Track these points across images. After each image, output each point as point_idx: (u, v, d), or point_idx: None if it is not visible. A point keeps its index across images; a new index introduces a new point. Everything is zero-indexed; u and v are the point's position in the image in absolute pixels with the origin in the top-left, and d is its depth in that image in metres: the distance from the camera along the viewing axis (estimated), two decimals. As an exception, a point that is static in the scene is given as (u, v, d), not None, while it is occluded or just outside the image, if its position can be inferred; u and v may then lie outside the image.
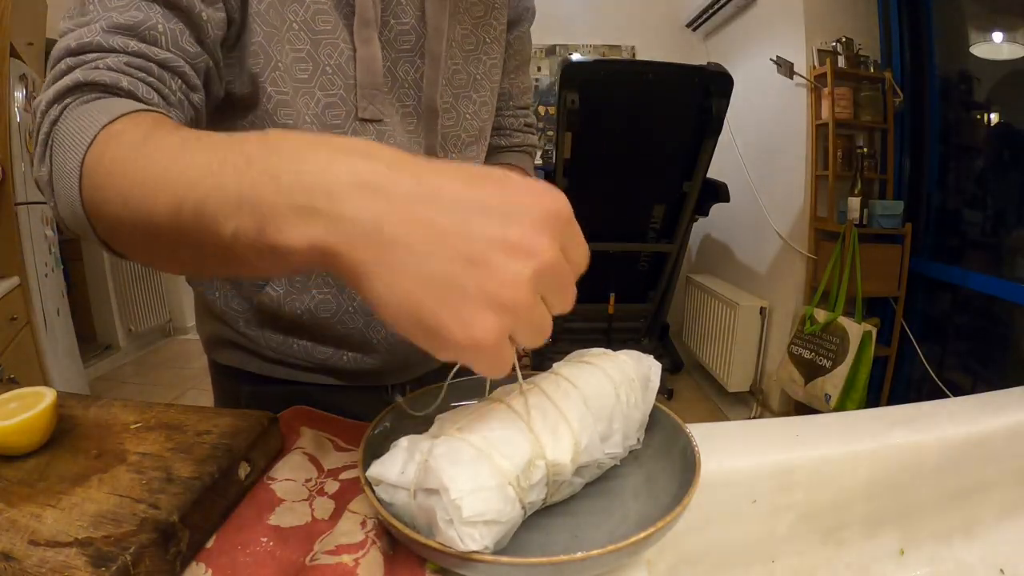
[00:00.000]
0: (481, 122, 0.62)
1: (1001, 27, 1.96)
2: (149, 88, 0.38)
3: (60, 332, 2.34)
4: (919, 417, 0.53)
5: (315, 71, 0.48)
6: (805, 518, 0.48)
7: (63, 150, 0.34)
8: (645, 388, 0.41)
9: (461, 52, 0.58)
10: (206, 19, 0.41)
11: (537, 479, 0.33)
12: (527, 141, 0.75)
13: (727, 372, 2.70)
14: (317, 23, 0.47)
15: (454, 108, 0.59)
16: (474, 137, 0.62)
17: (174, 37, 0.40)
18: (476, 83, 0.60)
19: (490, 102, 0.63)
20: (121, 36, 0.38)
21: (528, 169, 0.74)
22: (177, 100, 0.41)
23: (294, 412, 0.52)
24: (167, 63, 0.40)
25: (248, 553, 0.35)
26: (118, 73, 0.37)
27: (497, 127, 0.71)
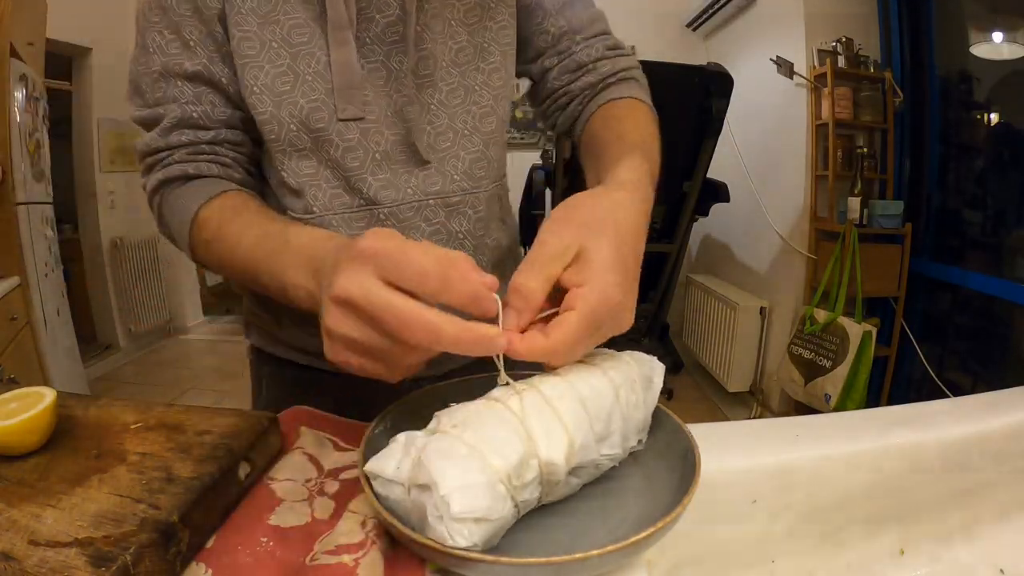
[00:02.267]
0: (485, 99, 0.58)
1: (1001, 27, 1.96)
2: (208, 164, 0.54)
3: (60, 332, 2.34)
4: (919, 417, 0.53)
5: (296, 81, 0.52)
6: (805, 518, 0.48)
7: (175, 225, 0.54)
8: (647, 389, 0.41)
9: (462, 28, 0.57)
10: (226, 81, 0.53)
11: (530, 478, 0.33)
12: (618, 66, 0.62)
13: (727, 372, 2.70)
14: (294, 36, 0.51)
15: (417, 99, 0.56)
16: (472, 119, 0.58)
17: (207, 114, 0.53)
18: (477, 54, 0.58)
19: (491, 81, 0.59)
20: (175, 133, 0.53)
21: (637, 94, 0.61)
22: (230, 160, 0.56)
23: (294, 412, 0.52)
24: (213, 139, 0.54)
25: (248, 553, 0.35)
26: (183, 164, 0.54)
27: (576, 66, 0.62)
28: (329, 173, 0.55)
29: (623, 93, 0.60)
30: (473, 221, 0.60)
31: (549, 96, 0.65)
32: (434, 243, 0.55)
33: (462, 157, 0.58)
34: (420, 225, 0.57)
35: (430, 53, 0.55)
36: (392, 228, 0.53)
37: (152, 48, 0.52)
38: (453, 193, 0.58)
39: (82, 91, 3.38)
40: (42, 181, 2.29)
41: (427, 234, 0.58)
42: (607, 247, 0.37)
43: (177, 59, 0.51)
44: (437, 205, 0.57)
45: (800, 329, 2.30)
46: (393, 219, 0.56)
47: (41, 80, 2.36)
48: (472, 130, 0.58)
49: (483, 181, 0.60)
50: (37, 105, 2.26)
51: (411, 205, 0.57)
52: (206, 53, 0.52)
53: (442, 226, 0.58)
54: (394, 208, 0.56)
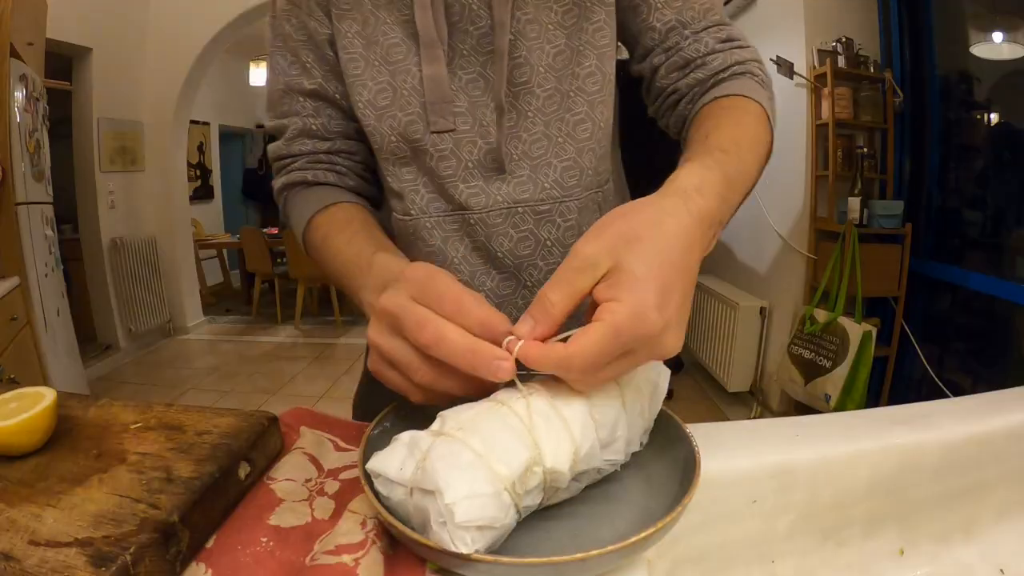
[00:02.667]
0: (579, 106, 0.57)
1: (1001, 27, 1.96)
2: (325, 172, 0.62)
3: (60, 332, 2.34)
4: (919, 417, 0.53)
5: (394, 96, 0.56)
6: (805, 518, 0.48)
7: (295, 224, 0.62)
8: (653, 395, 0.40)
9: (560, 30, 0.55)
10: (340, 96, 0.60)
11: (533, 485, 0.33)
12: (731, 60, 0.56)
13: (727, 372, 2.70)
14: (392, 55, 0.56)
15: (514, 107, 0.56)
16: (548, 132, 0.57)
17: (325, 126, 0.61)
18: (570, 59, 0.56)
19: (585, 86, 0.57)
20: (297, 143, 0.62)
21: (748, 90, 0.54)
22: (344, 168, 0.63)
23: (294, 412, 0.52)
24: (329, 150, 0.62)
25: (248, 553, 0.35)
26: (303, 171, 0.62)
27: (684, 62, 0.57)
28: (426, 179, 0.58)
29: (731, 90, 0.54)
30: (563, 230, 0.59)
31: (659, 96, 0.61)
32: (520, 250, 0.57)
33: (554, 165, 0.57)
34: (508, 232, 0.58)
35: (525, 60, 0.55)
36: (480, 234, 0.58)
37: (277, 70, 0.61)
38: (542, 201, 0.57)
39: (82, 91, 3.39)
40: (42, 181, 2.29)
41: (515, 240, 0.58)
42: (643, 262, 0.34)
43: (297, 79, 0.60)
44: (526, 212, 0.57)
45: (800, 329, 2.30)
46: (482, 224, 0.58)
47: (41, 80, 2.36)
48: (566, 137, 0.57)
49: (575, 190, 0.58)
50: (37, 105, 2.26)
51: (500, 212, 0.57)
52: (320, 73, 0.59)
53: (530, 233, 0.58)
54: (483, 214, 0.57)
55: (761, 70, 0.57)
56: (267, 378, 3.40)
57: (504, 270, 0.59)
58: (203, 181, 5.71)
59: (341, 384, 3.24)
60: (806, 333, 2.26)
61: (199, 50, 3.76)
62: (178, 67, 3.79)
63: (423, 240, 0.59)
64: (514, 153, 0.57)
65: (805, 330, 2.27)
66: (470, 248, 0.59)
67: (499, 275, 0.60)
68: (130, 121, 3.68)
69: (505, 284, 0.60)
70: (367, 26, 0.56)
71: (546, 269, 0.59)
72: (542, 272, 0.59)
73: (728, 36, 0.57)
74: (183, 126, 4.07)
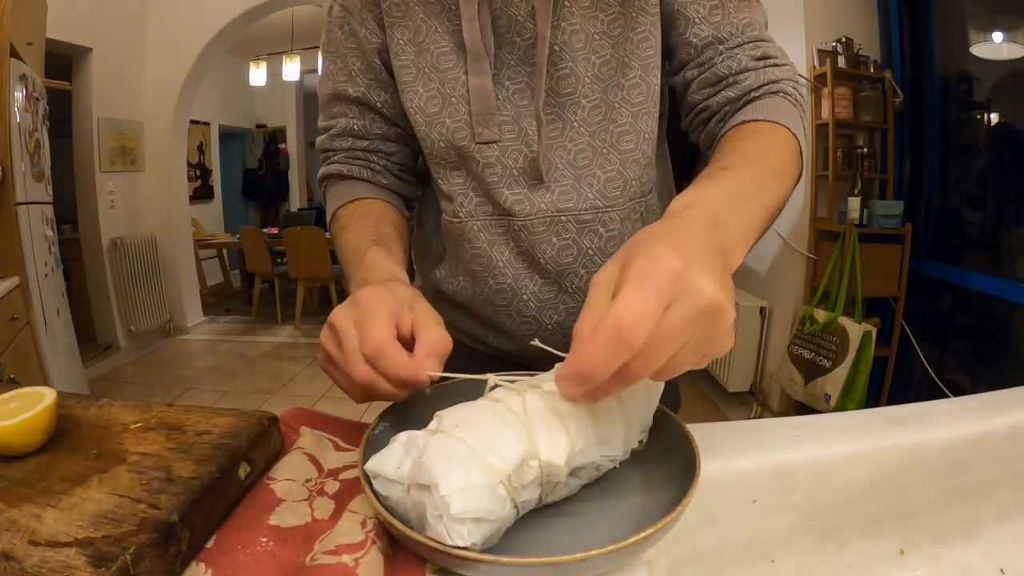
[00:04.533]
0: (624, 117, 0.57)
1: (1001, 27, 1.96)
2: (360, 168, 0.66)
3: (60, 332, 2.34)
4: (919, 417, 0.53)
5: (444, 104, 0.58)
6: (805, 518, 0.48)
7: (328, 211, 0.66)
8: (649, 390, 0.41)
9: (606, 40, 0.55)
10: (381, 104, 0.63)
11: (530, 479, 0.33)
12: (764, 79, 0.55)
13: (727, 372, 2.70)
14: (442, 63, 0.57)
15: (559, 117, 0.57)
16: (588, 146, 0.57)
17: (366, 128, 0.65)
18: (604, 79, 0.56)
19: (630, 97, 0.57)
20: (340, 139, 0.66)
21: (778, 115, 0.53)
22: (380, 166, 0.66)
23: (294, 412, 0.52)
24: (367, 148, 0.66)
25: (248, 553, 0.35)
26: (340, 165, 0.66)
27: (716, 79, 0.56)
28: (474, 184, 0.60)
29: (760, 114, 0.53)
30: (605, 239, 0.59)
31: (691, 111, 0.60)
32: (563, 257, 0.58)
33: (598, 175, 0.58)
34: (551, 239, 0.59)
35: (571, 71, 0.55)
36: (524, 240, 0.59)
37: (327, 73, 0.65)
38: (585, 211, 0.58)
39: (82, 91, 3.39)
40: (42, 181, 2.29)
41: (557, 248, 0.59)
42: (646, 250, 0.33)
43: (343, 86, 0.63)
44: (568, 221, 0.58)
45: (800, 329, 2.30)
46: (526, 231, 0.58)
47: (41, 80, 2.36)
48: (610, 148, 0.58)
49: (618, 200, 0.58)
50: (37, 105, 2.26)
51: (543, 220, 0.58)
52: (364, 82, 0.63)
53: (572, 242, 0.59)
54: (527, 221, 0.58)
55: (795, 89, 0.56)
56: (267, 378, 3.40)
57: (546, 276, 0.60)
58: (203, 181, 5.71)
59: (341, 384, 3.23)
60: (806, 333, 2.26)
61: (199, 50, 3.76)
62: (178, 67, 3.79)
63: (470, 242, 0.61)
64: (558, 163, 0.58)
65: (805, 330, 2.27)
66: (515, 252, 0.60)
67: (542, 280, 0.60)
68: (130, 121, 3.68)
69: (547, 289, 0.61)
70: (418, 34, 0.57)
71: (587, 277, 0.59)
72: (583, 280, 0.60)
73: (764, 54, 0.56)
74: (183, 126, 4.07)
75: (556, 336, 0.62)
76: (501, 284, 0.61)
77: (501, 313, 0.63)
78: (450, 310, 0.69)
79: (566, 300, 0.61)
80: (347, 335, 0.40)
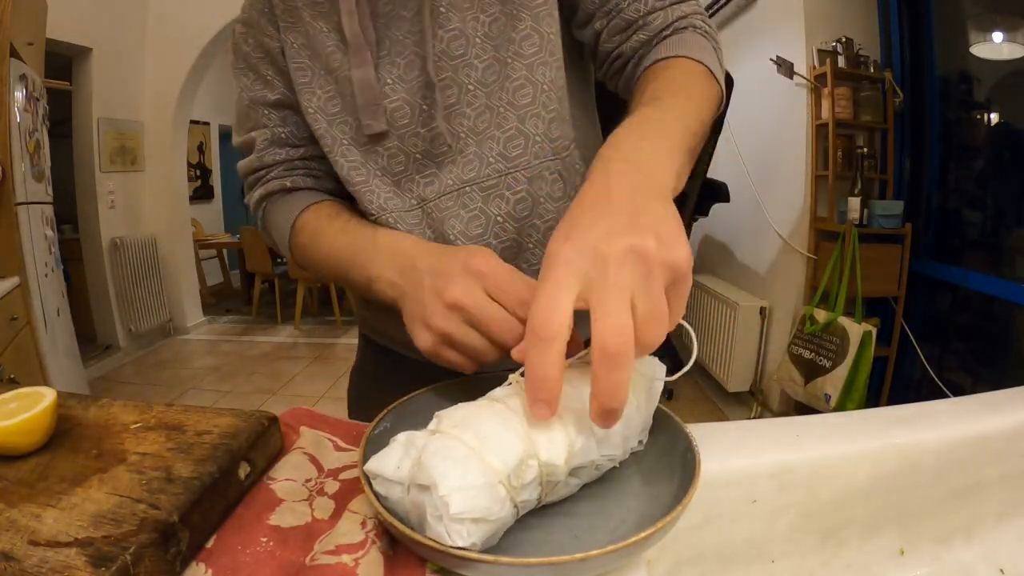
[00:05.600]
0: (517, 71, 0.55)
1: (1001, 27, 1.96)
2: (303, 178, 0.63)
3: (60, 332, 2.34)
4: (919, 417, 0.53)
5: (343, 103, 0.57)
6: (805, 518, 0.48)
7: (277, 232, 0.63)
8: (649, 391, 0.40)
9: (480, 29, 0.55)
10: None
11: (530, 479, 0.33)
12: (672, 17, 0.54)
13: (727, 372, 2.70)
14: (332, 63, 0.57)
15: (454, 81, 0.55)
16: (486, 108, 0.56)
17: (294, 134, 0.62)
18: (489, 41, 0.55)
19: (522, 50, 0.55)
20: (269, 153, 0.62)
21: (688, 49, 0.52)
22: (321, 172, 0.63)
23: (294, 412, 0.52)
24: (304, 155, 0.62)
25: (248, 553, 0.35)
26: (281, 179, 0.62)
27: (625, 25, 0.55)
28: (381, 179, 0.58)
29: (671, 51, 0.52)
30: (512, 203, 0.57)
31: (604, 61, 0.59)
32: (472, 230, 0.56)
33: (497, 137, 0.56)
34: (459, 213, 0.57)
35: (460, 32, 0.54)
36: (436, 221, 0.57)
37: (241, 88, 0.62)
38: (488, 177, 0.56)
39: (82, 91, 3.39)
40: (42, 181, 2.29)
41: (465, 221, 0.57)
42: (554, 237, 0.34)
43: (260, 92, 0.61)
44: (473, 191, 0.56)
45: (800, 329, 2.30)
46: (437, 211, 0.57)
47: (41, 80, 2.36)
48: (506, 106, 0.55)
49: (521, 159, 0.56)
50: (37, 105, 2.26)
51: (450, 195, 0.57)
52: (283, 85, 0.60)
53: (480, 211, 0.57)
54: (438, 200, 0.57)
55: (704, 22, 0.56)
56: (267, 378, 3.40)
57: None
58: (203, 181, 5.71)
59: (341, 384, 3.23)
60: (806, 333, 2.26)
61: (199, 50, 3.76)
62: (178, 67, 3.79)
63: None
64: (460, 131, 0.56)
65: (805, 330, 2.27)
66: (430, 239, 0.58)
67: None
68: (130, 121, 3.68)
69: None
70: (309, 37, 0.57)
71: (499, 247, 0.57)
72: (496, 250, 0.57)
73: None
74: (183, 126, 4.07)
75: None
76: None
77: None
78: (376, 316, 0.68)
79: None
80: (485, 308, 0.41)
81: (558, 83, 0.56)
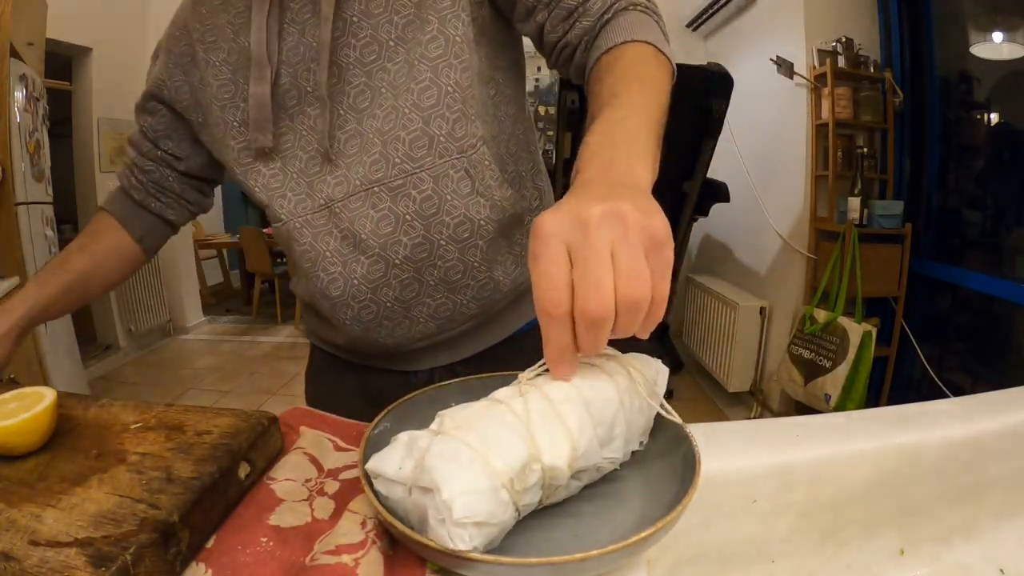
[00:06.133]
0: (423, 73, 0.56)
1: (1001, 27, 1.96)
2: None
3: (60, 332, 2.34)
4: (919, 417, 0.53)
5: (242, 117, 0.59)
6: (805, 518, 0.48)
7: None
8: (651, 394, 0.40)
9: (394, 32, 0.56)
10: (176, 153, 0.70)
11: (532, 482, 0.33)
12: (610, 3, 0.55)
13: (727, 372, 2.70)
14: (238, 76, 0.59)
15: (368, 86, 0.56)
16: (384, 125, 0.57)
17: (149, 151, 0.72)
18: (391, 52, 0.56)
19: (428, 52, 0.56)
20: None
21: (632, 33, 0.52)
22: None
23: (294, 412, 0.52)
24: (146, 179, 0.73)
25: (248, 553, 0.35)
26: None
27: (567, 13, 0.56)
28: (294, 182, 0.60)
29: (616, 38, 0.53)
30: (419, 202, 0.58)
31: (551, 53, 0.60)
32: (382, 228, 0.57)
33: (402, 138, 0.57)
34: (368, 212, 0.58)
35: (372, 38, 0.55)
36: (345, 221, 0.59)
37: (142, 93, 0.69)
38: (395, 176, 0.58)
39: (82, 91, 3.38)
40: (42, 181, 2.29)
41: (375, 221, 0.58)
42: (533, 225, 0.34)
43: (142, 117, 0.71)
44: (381, 191, 0.58)
45: (800, 329, 2.30)
46: (345, 211, 0.58)
47: (41, 80, 2.36)
48: (411, 107, 0.57)
49: (426, 159, 0.57)
50: (37, 105, 2.26)
51: (357, 195, 0.58)
52: (166, 117, 0.68)
53: (389, 210, 0.58)
54: (346, 200, 0.58)
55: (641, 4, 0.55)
56: (267, 378, 3.40)
57: (371, 253, 0.60)
58: (203, 181, 5.70)
59: (341, 384, 3.23)
60: (806, 333, 2.26)
61: (199, 50, 3.75)
62: (178, 67, 3.78)
63: (296, 241, 0.61)
64: (368, 132, 0.57)
65: (805, 330, 2.27)
66: (339, 239, 0.60)
67: (367, 260, 0.60)
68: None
69: (375, 268, 0.60)
70: (231, 54, 0.60)
71: (410, 245, 0.59)
72: (407, 248, 0.59)
73: None
74: (183, 126, 4.06)
75: (397, 311, 0.62)
76: (332, 274, 0.61)
77: (340, 306, 0.62)
78: (320, 323, 0.71)
79: (398, 274, 0.60)
80: None
81: (463, 84, 0.57)
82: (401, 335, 0.64)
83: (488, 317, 0.66)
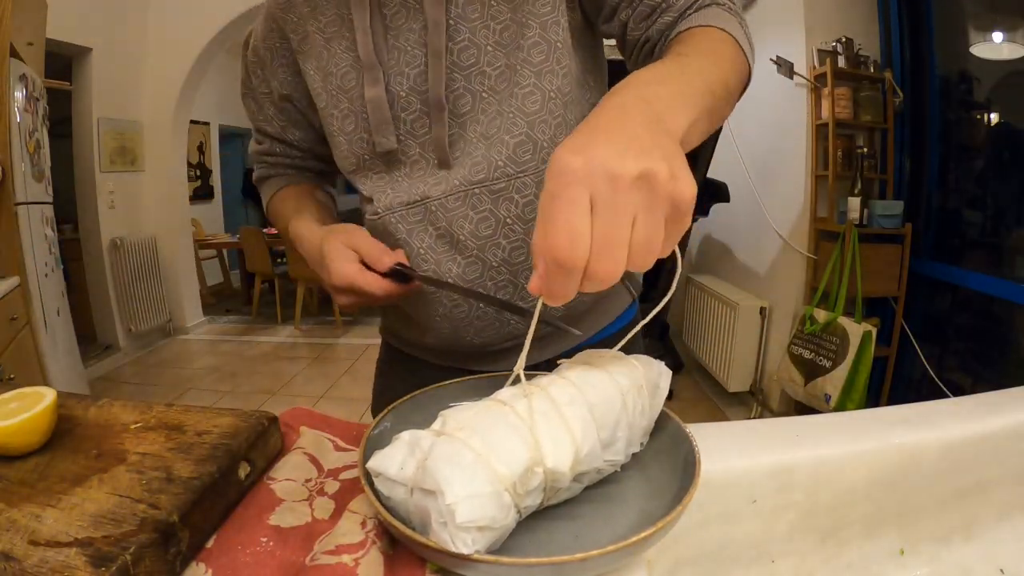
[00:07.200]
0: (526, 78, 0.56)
1: (1001, 27, 1.96)
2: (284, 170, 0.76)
3: (60, 332, 2.34)
4: (919, 417, 0.53)
5: (357, 121, 0.60)
6: (805, 518, 0.48)
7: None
8: (653, 395, 0.40)
9: (491, 36, 0.55)
10: (296, 140, 0.72)
11: (534, 485, 0.33)
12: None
13: (727, 372, 2.70)
14: (346, 83, 0.60)
15: (467, 90, 0.57)
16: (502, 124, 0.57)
17: (286, 152, 0.73)
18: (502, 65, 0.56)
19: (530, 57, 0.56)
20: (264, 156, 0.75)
21: (712, 20, 0.51)
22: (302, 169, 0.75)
23: (294, 412, 0.52)
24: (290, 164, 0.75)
25: (248, 553, 0.35)
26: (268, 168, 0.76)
27: (650, 10, 0.55)
28: (397, 181, 0.61)
29: (696, 23, 0.51)
30: (521, 206, 0.59)
31: (633, 49, 0.58)
32: (482, 231, 0.60)
33: (507, 142, 0.57)
34: (468, 214, 0.59)
35: (470, 42, 0.56)
36: (441, 220, 0.59)
37: (248, 109, 0.72)
38: (497, 180, 0.58)
39: (82, 91, 3.38)
40: (42, 181, 2.29)
41: (475, 222, 0.59)
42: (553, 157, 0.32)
43: (262, 124, 0.71)
44: (482, 193, 0.58)
45: (800, 329, 2.30)
46: (443, 211, 0.59)
47: (41, 80, 2.36)
48: (516, 112, 0.57)
49: (529, 164, 0.58)
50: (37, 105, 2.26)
51: (456, 196, 0.58)
52: (279, 124, 0.70)
53: (489, 213, 0.59)
54: (443, 200, 0.59)
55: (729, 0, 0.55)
56: (267, 378, 3.39)
57: (468, 254, 0.60)
58: (203, 181, 5.71)
59: (341, 384, 3.23)
60: (806, 333, 2.26)
61: (199, 50, 3.75)
62: (178, 67, 3.78)
63: (391, 235, 0.62)
64: (471, 136, 0.58)
65: (805, 330, 2.27)
66: (435, 237, 0.60)
67: (464, 260, 0.60)
68: (130, 121, 3.68)
69: (471, 268, 0.60)
70: (321, 60, 0.61)
71: (509, 248, 0.59)
72: (505, 251, 0.60)
73: None
74: (183, 126, 4.06)
75: (489, 312, 0.62)
76: (425, 271, 0.61)
77: (433, 302, 0.62)
78: (397, 322, 0.73)
79: (493, 275, 0.61)
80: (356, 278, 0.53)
81: (564, 90, 0.58)
82: (491, 335, 0.64)
83: (572, 318, 0.66)
